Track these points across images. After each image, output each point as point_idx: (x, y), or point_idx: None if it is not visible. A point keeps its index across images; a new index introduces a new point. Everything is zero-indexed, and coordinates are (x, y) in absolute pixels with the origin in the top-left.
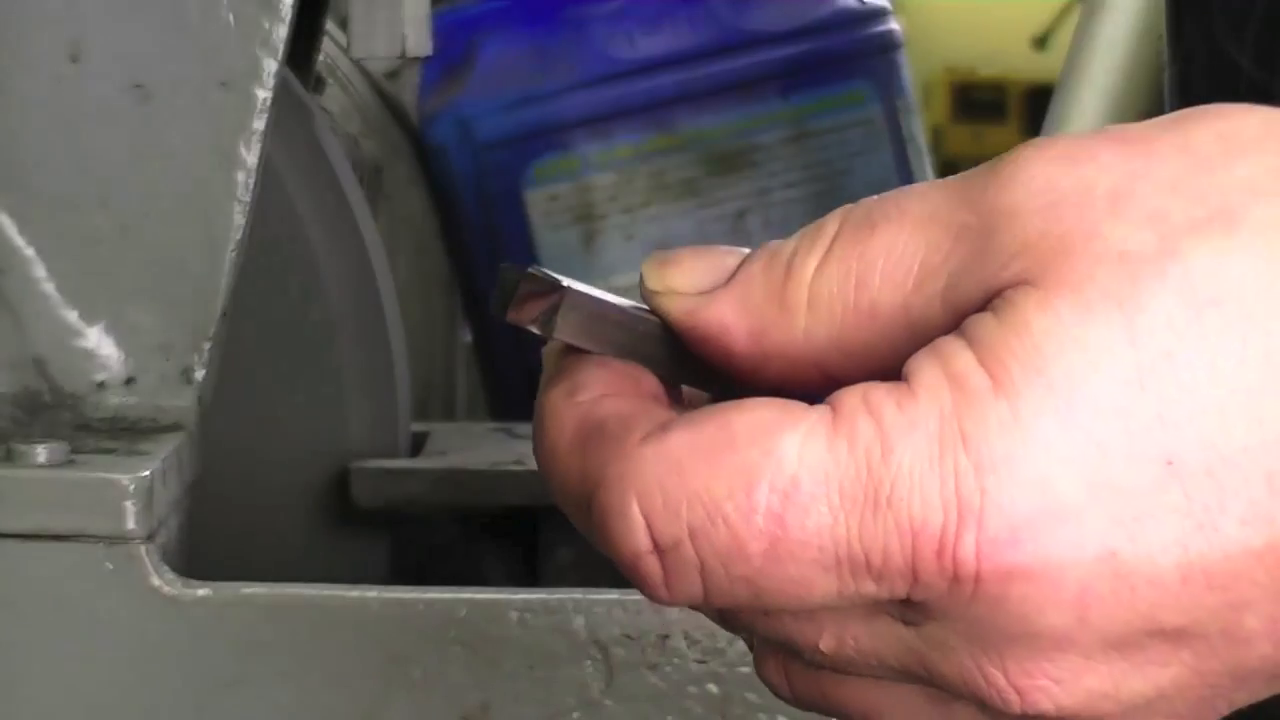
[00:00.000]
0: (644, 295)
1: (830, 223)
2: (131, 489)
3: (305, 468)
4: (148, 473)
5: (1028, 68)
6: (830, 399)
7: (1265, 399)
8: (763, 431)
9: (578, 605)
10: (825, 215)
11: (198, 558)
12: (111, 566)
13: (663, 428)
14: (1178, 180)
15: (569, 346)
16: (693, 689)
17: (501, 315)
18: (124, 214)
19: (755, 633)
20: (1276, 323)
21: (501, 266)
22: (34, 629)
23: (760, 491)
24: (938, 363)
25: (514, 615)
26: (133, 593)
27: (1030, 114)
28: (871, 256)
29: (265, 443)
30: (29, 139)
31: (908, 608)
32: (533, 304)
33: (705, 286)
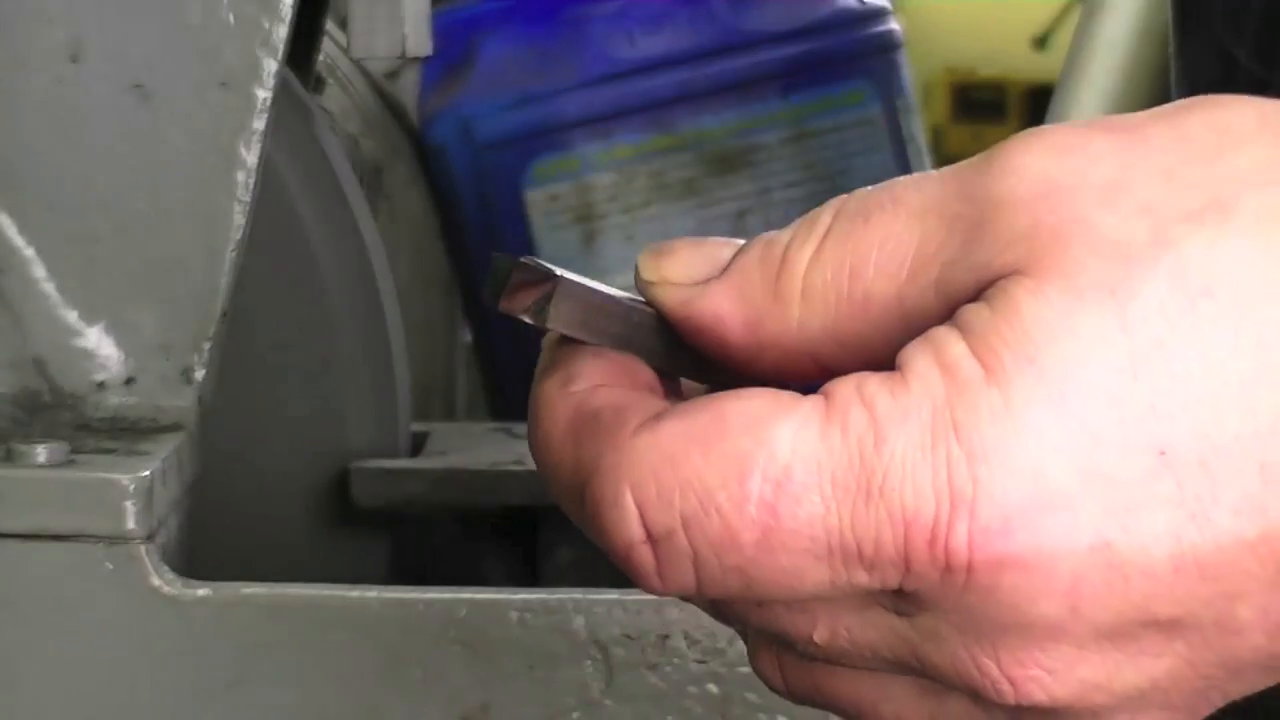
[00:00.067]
0: (639, 286)
1: (824, 214)
2: (131, 489)
3: (305, 468)
4: (148, 473)
5: (1028, 68)
6: (824, 388)
7: (1258, 388)
8: (756, 421)
9: (578, 605)
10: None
11: (198, 558)
12: (111, 566)
13: (656, 417)
14: (1171, 170)
15: (564, 337)
16: (693, 689)
17: (494, 304)
18: (124, 214)
19: (749, 625)
20: (1269, 312)
21: (494, 256)
22: (34, 629)
23: (753, 481)
24: (930, 352)
25: (514, 615)
26: (133, 593)
27: (1030, 114)
28: (865, 247)
29: (265, 443)
30: (29, 139)
31: (900, 598)
32: (526, 293)
33: (700, 277)
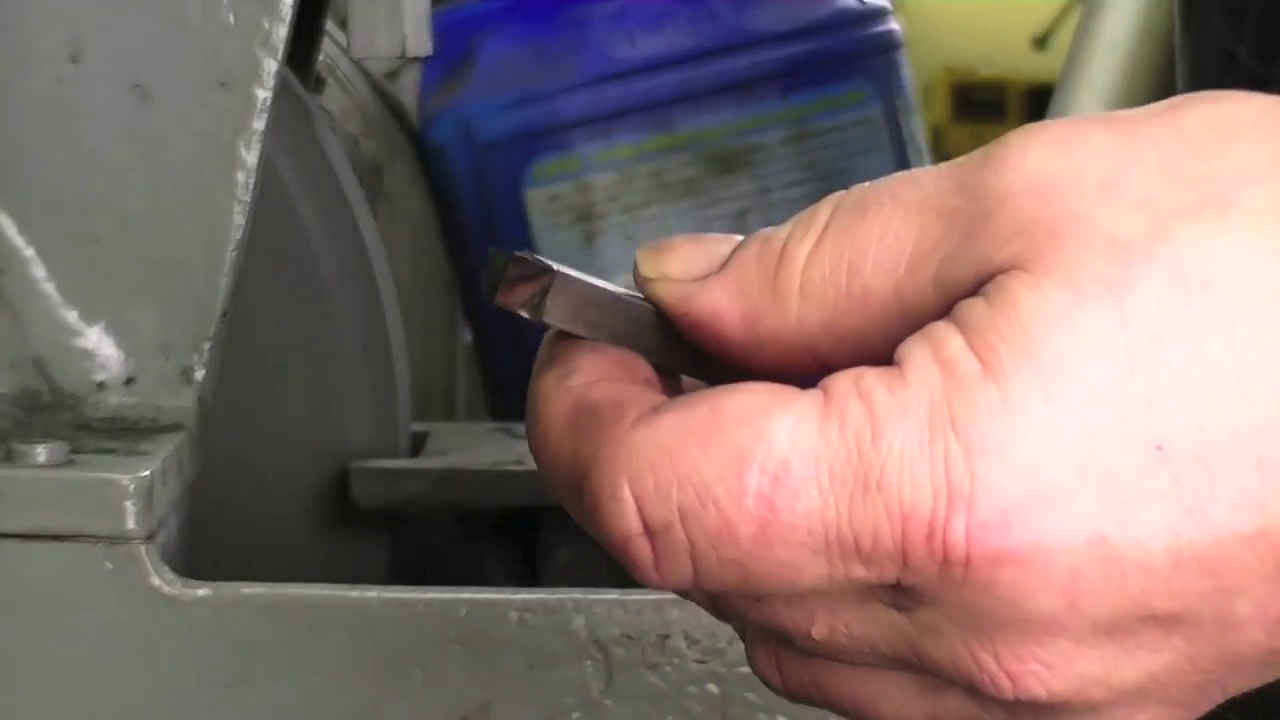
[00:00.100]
0: (638, 283)
1: (823, 209)
2: (131, 489)
3: (305, 468)
4: (148, 473)
5: (1028, 68)
6: (822, 383)
7: (1255, 383)
8: (754, 414)
9: (578, 605)
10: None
11: (198, 558)
12: (111, 566)
13: (655, 411)
14: (1169, 166)
15: (562, 333)
16: (693, 689)
17: (490, 299)
18: (124, 214)
19: (748, 621)
20: (1267, 307)
21: (491, 250)
22: (34, 629)
23: (751, 474)
24: (928, 347)
25: (514, 615)
26: (133, 593)
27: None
28: (864, 242)
29: (265, 443)
30: (29, 139)
31: (899, 593)
32: (522, 287)
33: (698, 273)
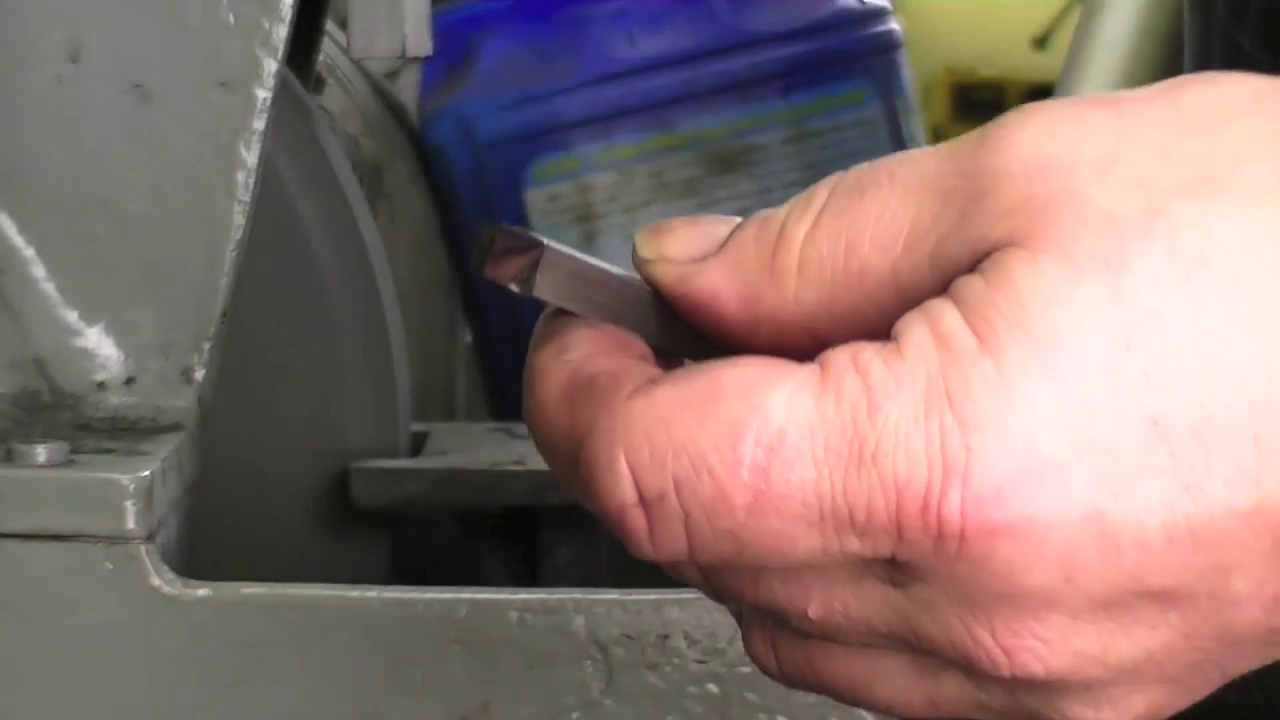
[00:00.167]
0: (636, 265)
1: (821, 190)
2: (131, 489)
3: (305, 468)
4: (148, 473)
5: (1028, 68)
6: (819, 358)
7: (1252, 359)
8: (751, 386)
9: (578, 605)
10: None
11: (198, 558)
12: (111, 566)
13: (651, 382)
14: (1166, 145)
15: (559, 311)
16: (693, 689)
17: (479, 272)
18: (124, 214)
19: (744, 601)
20: (1264, 283)
21: (481, 224)
22: (34, 629)
23: (746, 444)
24: (925, 322)
25: (514, 615)
26: (133, 593)
27: None
28: (861, 221)
29: (265, 443)
30: (29, 139)
31: (894, 568)
32: (512, 261)
33: (697, 254)
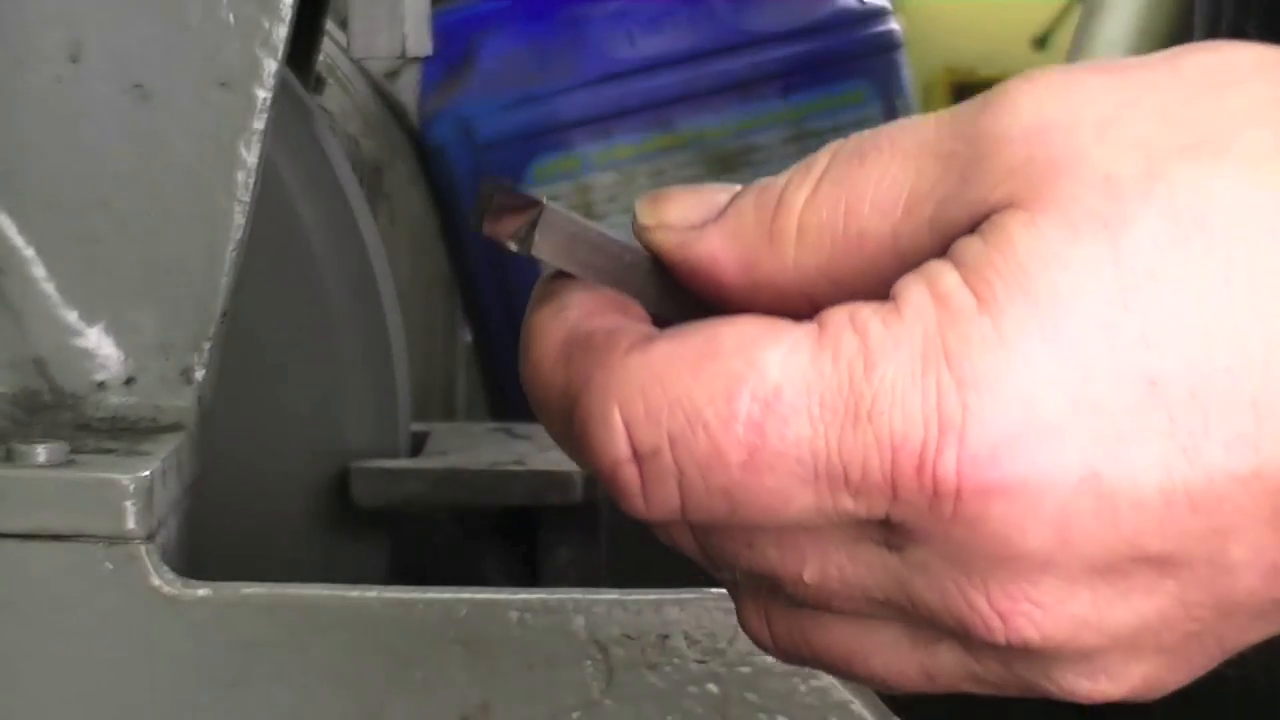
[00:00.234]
0: (636, 232)
1: (821, 156)
2: (131, 489)
3: (305, 468)
4: (148, 473)
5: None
6: (817, 316)
7: (1250, 320)
8: (748, 343)
9: (578, 605)
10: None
11: (198, 558)
12: (111, 566)
13: (648, 339)
14: (1166, 109)
15: (558, 274)
16: (693, 689)
17: (478, 229)
18: (124, 214)
19: (738, 568)
20: (1263, 246)
21: (481, 180)
22: (34, 629)
23: (741, 400)
24: (924, 283)
25: (514, 615)
26: (133, 593)
27: None
28: (861, 186)
29: (265, 443)
30: (29, 139)
31: (889, 530)
32: (510, 219)
33: (696, 221)
